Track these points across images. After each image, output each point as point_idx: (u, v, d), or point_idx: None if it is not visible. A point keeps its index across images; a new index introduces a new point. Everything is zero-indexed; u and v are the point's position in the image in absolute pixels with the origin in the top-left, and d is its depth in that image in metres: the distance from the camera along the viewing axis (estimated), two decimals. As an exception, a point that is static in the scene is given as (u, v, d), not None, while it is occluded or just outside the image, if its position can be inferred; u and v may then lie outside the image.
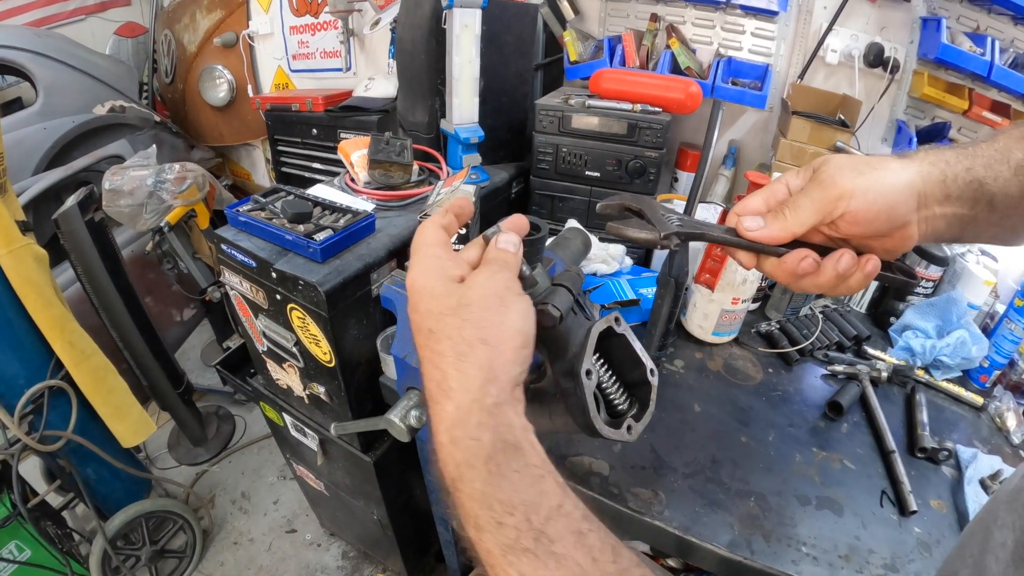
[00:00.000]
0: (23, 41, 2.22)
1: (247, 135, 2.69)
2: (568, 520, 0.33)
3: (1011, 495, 0.39)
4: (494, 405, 0.36)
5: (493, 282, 0.39)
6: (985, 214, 0.47)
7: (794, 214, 0.46)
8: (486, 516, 0.33)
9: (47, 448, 1.35)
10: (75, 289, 1.74)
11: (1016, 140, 0.47)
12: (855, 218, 0.45)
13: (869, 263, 0.46)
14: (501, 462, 0.34)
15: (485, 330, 0.37)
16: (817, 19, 1.35)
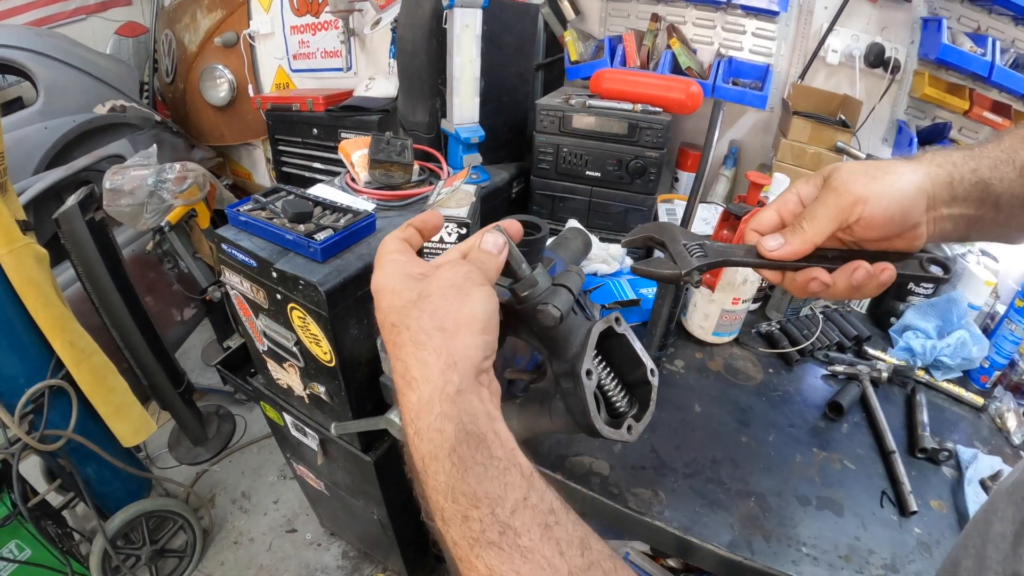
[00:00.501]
0: (24, 41, 2.23)
1: (248, 135, 2.70)
2: (534, 512, 0.33)
3: (1011, 488, 0.40)
4: (456, 393, 0.35)
5: (453, 273, 0.39)
6: (991, 214, 0.47)
7: (812, 225, 0.47)
8: (451, 509, 0.33)
9: (47, 447, 1.35)
10: (75, 288, 1.74)
11: (1021, 140, 0.48)
12: (870, 223, 0.45)
13: (884, 273, 0.46)
14: (464, 454, 0.34)
15: (443, 318, 0.37)
16: (818, 19, 1.35)
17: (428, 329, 0.37)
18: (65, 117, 2.22)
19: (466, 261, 0.41)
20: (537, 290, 0.46)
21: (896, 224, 0.46)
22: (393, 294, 0.40)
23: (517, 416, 0.52)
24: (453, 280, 0.39)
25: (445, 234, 0.96)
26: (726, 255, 0.49)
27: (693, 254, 0.48)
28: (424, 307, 0.38)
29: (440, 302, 0.38)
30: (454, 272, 0.39)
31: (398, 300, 0.39)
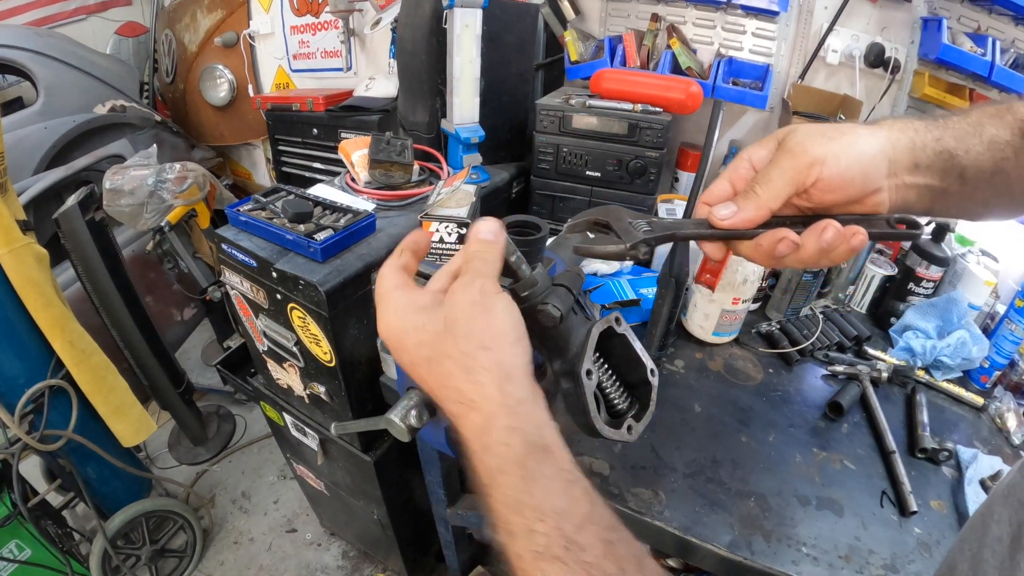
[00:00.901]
0: (24, 41, 2.23)
1: (248, 135, 2.70)
2: (597, 528, 0.34)
3: (1006, 490, 0.39)
4: (517, 403, 0.36)
5: (468, 292, 0.39)
6: (956, 187, 0.46)
7: (766, 189, 0.44)
8: (517, 522, 0.34)
9: (47, 447, 1.35)
10: (75, 288, 1.74)
11: (989, 116, 0.47)
12: (829, 184, 0.43)
13: (856, 237, 0.43)
14: (532, 467, 0.34)
15: (480, 337, 0.37)
16: (818, 19, 1.35)
17: (470, 351, 0.37)
18: (65, 117, 2.22)
19: (471, 274, 0.40)
20: (537, 290, 0.45)
21: (856, 187, 0.43)
22: (416, 331, 0.39)
23: (517, 416, 0.52)
24: (471, 298, 0.38)
25: (445, 234, 0.96)
26: (675, 228, 0.46)
27: (639, 230, 0.46)
28: (456, 333, 0.37)
29: (469, 323, 0.37)
30: (467, 292, 0.39)
31: (425, 335, 0.39)
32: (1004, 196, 0.49)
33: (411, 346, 0.39)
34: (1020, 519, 0.36)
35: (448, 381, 0.37)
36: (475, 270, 0.40)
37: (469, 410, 0.36)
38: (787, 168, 0.43)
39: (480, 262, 0.41)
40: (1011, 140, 0.47)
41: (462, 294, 0.39)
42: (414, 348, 0.39)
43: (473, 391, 0.36)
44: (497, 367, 0.36)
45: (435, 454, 1.16)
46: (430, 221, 0.95)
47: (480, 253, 0.41)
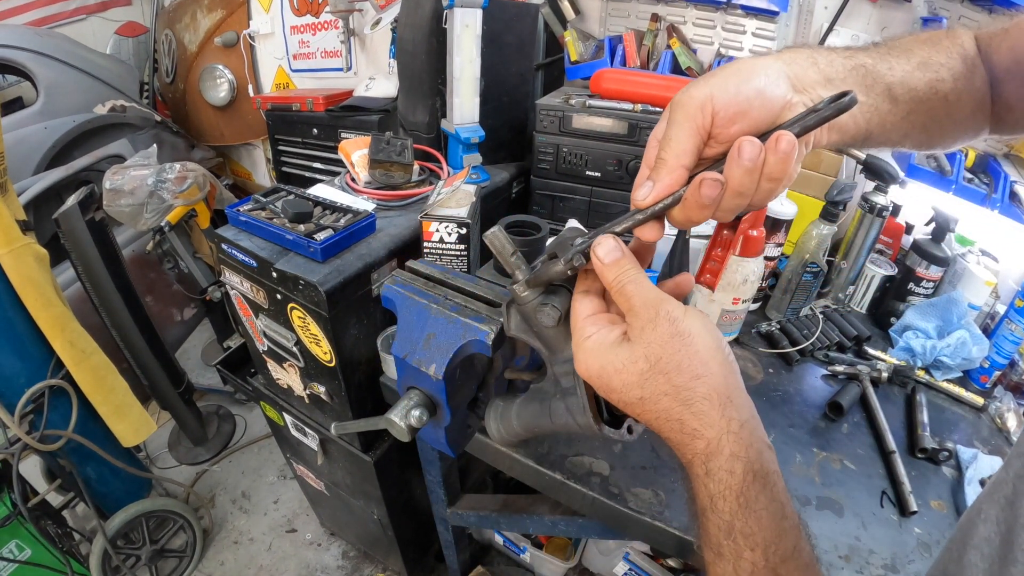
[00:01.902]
0: (24, 40, 2.23)
1: (248, 135, 2.70)
2: (796, 563, 0.35)
3: (991, 488, 0.39)
4: (740, 427, 0.36)
5: (658, 328, 0.38)
6: (887, 106, 0.44)
7: (669, 149, 0.40)
8: (728, 545, 0.35)
9: (47, 447, 1.36)
10: (75, 288, 1.74)
11: (921, 42, 0.46)
12: (727, 115, 0.39)
13: (780, 140, 0.36)
14: (750, 496, 0.35)
15: (691, 367, 0.37)
16: (818, 19, 1.35)
17: (684, 384, 0.37)
18: (65, 117, 2.22)
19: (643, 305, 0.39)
20: (537, 290, 0.46)
21: (759, 106, 0.39)
22: (619, 373, 0.39)
23: (517, 416, 0.52)
24: (665, 332, 0.38)
25: (445, 234, 0.96)
26: (605, 228, 0.43)
27: (575, 245, 0.44)
28: (664, 370, 0.37)
29: (675, 358, 0.37)
30: (658, 328, 0.38)
31: (629, 376, 0.39)
32: (947, 120, 0.47)
33: (618, 387, 0.39)
34: (1008, 518, 0.35)
35: (668, 415, 0.38)
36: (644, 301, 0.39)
37: (693, 439, 0.37)
38: (681, 120, 0.40)
39: (633, 285, 0.40)
40: (946, 62, 0.45)
41: (653, 331, 0.38)
42: (622, 389, 0.39)
43: (695, 421, 0.37)
44: (715, 393, 0.37)
45: (435, 454, 1.16)
46: (430, 221, 0.95)
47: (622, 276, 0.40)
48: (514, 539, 1.70)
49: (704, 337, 0.38)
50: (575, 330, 0.43)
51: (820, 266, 1.13)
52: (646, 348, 0.38)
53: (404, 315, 0.58)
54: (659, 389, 0.38)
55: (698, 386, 0.37)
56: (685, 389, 0.37)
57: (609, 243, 0.41)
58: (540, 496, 1.14)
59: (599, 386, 0.41)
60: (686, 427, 0.37)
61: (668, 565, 1.52)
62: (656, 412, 0.38)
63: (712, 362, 0.37)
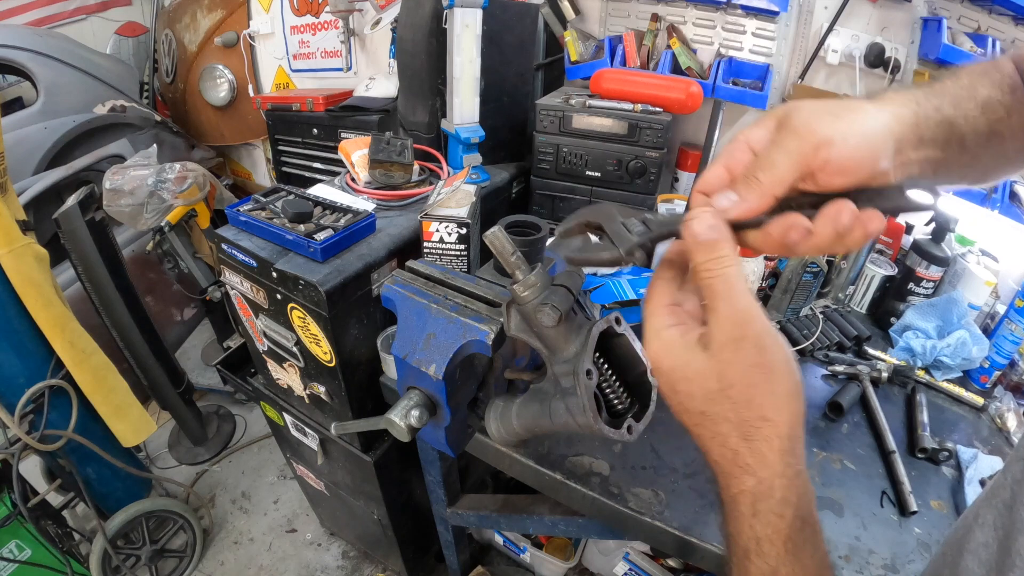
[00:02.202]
0: (24, 41, 2.23)
1: (248, 135, 2.70)
2: None
3: (989, 492, 0.38)
4: (796, 475, 0.35)
5: (743, 352, 0.36)
6: (957, 155, 0.43)
7: (769, 174, 0.38)
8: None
9: (47, 447, 1.35)
10: (76, 288, 1.74)
11: (979, 75, 0.45)
12: (840, 167, 0.38)
13: (873, 222, 0.37)
14: (798, 543, 0.35)
15: (762, 407, 0.35)
16: (818, 19, 1.35)
17: (751, 419, 0.35)
18: (65, 117, 2.22)
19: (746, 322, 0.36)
20: (537, 290, 0.46)
21: (865, 170, 0.39)
22: (687, 381, 0.37)
23: (517, 416, 0.52)
24: (749, 360, 0.36)
25: (445, 234, 0.96)
26: (672, 225, 0.41)
27: (634, 231, 0.41)
28: (734, 397, 0.36)
29: (749, 391, 0.35)
30: (742, 351, 0.36)
31: (696, 388, 0.37)
32: (1000, 159, 0.47)
33: (682, 394, 0.38)
34: (1006, 524, 0.35)
35: (724, 442, 0.36)
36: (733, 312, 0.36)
37: (744, 473, 0.36)
38: (792, 151, 0.38)
39: (723, 284, 0.36)
40: (1002, 99, 0.44)
41: (735, 352, 0.36)
42: (685, 398, 0.38)
43: (751, 457, 0.35)
44: (778, 439, 0.35)
45: (435, 454, 1.16)
46: (430, 221, 0.95)
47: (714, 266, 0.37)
48: (514, 539, 1.70)
49: (786, 379, 0.36)
50: (650, 314, 0.40)
51: (820, 266, 1.13)
52: (721, 367, 0.36)
53: (404, 315, 0.58)
54: (722, 414, 0.36)
55: (764, 427, 0.35)
56: (750, 426, 0.35)
57: (708, 219, 0.37)
58: (540, 496, 1.14)
59: (662, 382, 0.39)
60: (739, 459, 0.36)
61: (668, 565, 1.52)
62: (712, 433, 0.37)
63: (786, 409, 0.36)
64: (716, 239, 0.37)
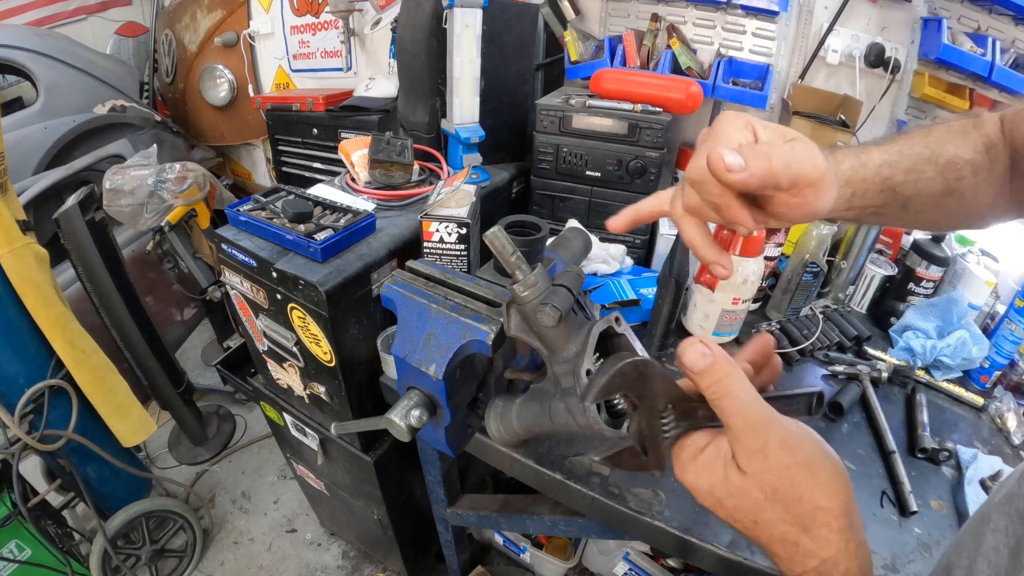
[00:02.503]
0: (24, 40, 2.23)
1: (248, 135, 2.70)
2: None
3: (1005, 499, 0.39)
4: (857, 547, 0.37)
5: (773, 458, 0.36)
6: (895, 211, 0.48)
7: (772, 157, 0.39)
8: None
9: (47, 447, 1.35)
10: (75, 288, 1.74)
11: (954, 134, 0.48)
12: (799, 205, 0.41)
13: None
14: None
15: (812, 499, 0.36)
16: (818, 19, 1.35)
17: (806, 513, 0.36)
18: (65, 117, 2.22)
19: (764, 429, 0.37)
20: (537, 290, 0.46)
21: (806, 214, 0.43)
22: (732, 496, 0.38)
23: (517, 416, 0.52)
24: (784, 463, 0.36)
25: (445, 234, 0.96)
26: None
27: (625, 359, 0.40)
28: (783, 500, 0.36)
29: (796, 491, 0.36)
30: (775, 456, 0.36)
31: (743, 502, 0.38)
32: (960, 213, 0.51)
33: (730, 508, 0.39)
34: (1018, 531, 0.36)
35: (784, 538, 0.37)
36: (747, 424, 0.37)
37: (806, 557, 0.37)
38: (788, 151, 0.40)
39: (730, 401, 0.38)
40: (971, 159, 0.49)
41: (764, 461, 0.37)
42: (734, 511, 0.39)
43: (812, 543, 0.36)
44: (836, 519, 0.36)
45: (435, 454, 1.16)
46: (430, 221, 0.95)
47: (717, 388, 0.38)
48: (514, 539, 1.70)
49: (825, 465, 0.37)
50: (678, 446, 0.41)
51: (820, 266, 1.13)
52: (758, 478, 0.37)
53: (404, 315, 0.58)
54: (776, 517, 0.37)
55: (820, 515, 0.36)
56: (807, 518, 0.36)
57: (697, 348, 0.39)
58: (540, 496, 1.14)
59: (710, 503, 0.40)
60: (801, 548, 0.37)
61: (668, 565, 1.52)
62: (770, 536, 0.38)
63: (838, 492, 0.36)
64: (710, 364, 0.38)
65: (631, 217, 0.46)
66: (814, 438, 0.38)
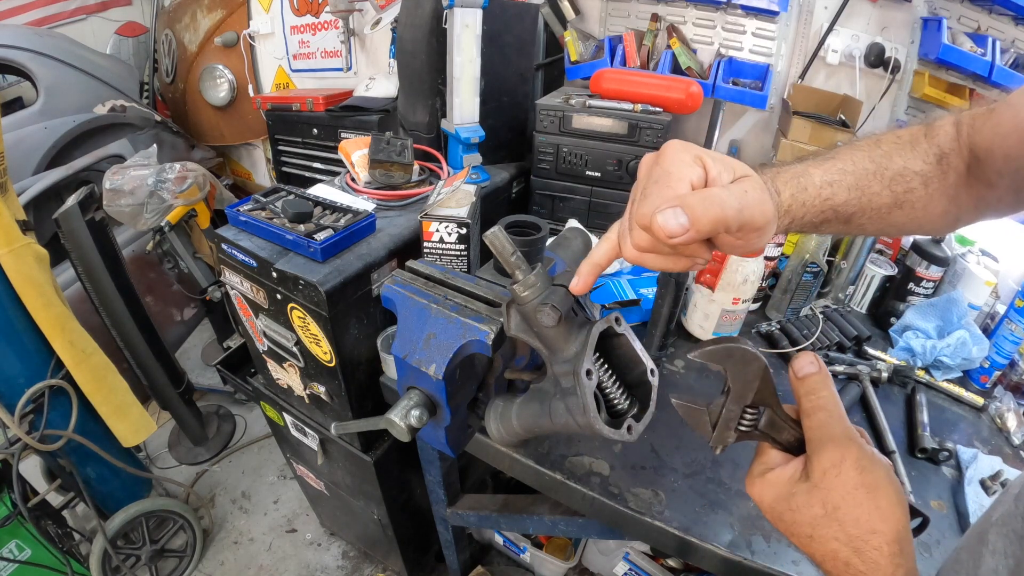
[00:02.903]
0: (24, 40, 2.23)
1: (248, 135, 2.70)
2: None
3: (1001, 519, 0.39)
4: (905, 573, 0.37)
5: (844, 476, 0.39)
6: (837, 226, 0.48)
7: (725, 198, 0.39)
8: None
9: (47, 447, 1.35)
10: (76, 288, 1.74)
11: (904, 145, 0.48)
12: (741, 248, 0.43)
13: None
14: None
15: (869, 522, 0.37)
16: (818, 19, 1.35)
17: (860, 535, 0.37)
18: (65, 117, 2.22)
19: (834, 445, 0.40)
20: (537, 290, 0.46)
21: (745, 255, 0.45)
22: (792, 512, 0.40)
23: (517, 416, 0.52)
24: (851, 482, 0.38)
25: (445, 234, 0.96)
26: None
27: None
28: (841, 519, 0.38)
29: (855, 512, 0.38)
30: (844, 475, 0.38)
31: (801, 516, 0.40)
32: (908, 224, 0.51)
33: (788, 523, 0.41)
34: (1017, 553, 0.36)
35: (835, 556, 0.39)
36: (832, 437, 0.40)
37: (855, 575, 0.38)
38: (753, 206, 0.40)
39: (824, 414, 0.41)
40: (921, 170, 0.48)
41: (836, 477, 0.39)
42: (791, 525, 0.41)
43: (863, 566, 0.38)
44: (888, 545, 0.37)
45: (435, 454, 1.16)
46: (430, 221, 0.95)
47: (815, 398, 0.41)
48: (514, 539, 1.70)
49: (888, 491, 0.38)
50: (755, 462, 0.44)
51: (820, 266, 1.13)
52: (825, 494, 0.39)
53: (404, 315, 0.58)
54: (830, 534, 0.38)
55: (873, 539, 0.37)
56: (860, 540, 0.37)
57: (807, 356, 0.42)
58: (540, 496, 1.14)
59: (770, 516, 0.43)
60: (851, 570, 0.38)
61: (668, 565, 1.52)
62: (823, 552, 0.39)
63: (892, 518, 0.38)
64: (813, 372, 0.42)
65: (593, 273, 0.45)
66: (885, 464, 0.40)
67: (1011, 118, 0.46)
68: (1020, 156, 0.45)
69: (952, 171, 0.49)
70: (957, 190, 0.50)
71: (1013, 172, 0.46)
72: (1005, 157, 0.46)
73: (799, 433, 0.43)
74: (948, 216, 0.51)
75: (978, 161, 0.49)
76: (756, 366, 0.42)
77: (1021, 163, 0.45)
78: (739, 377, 0.43)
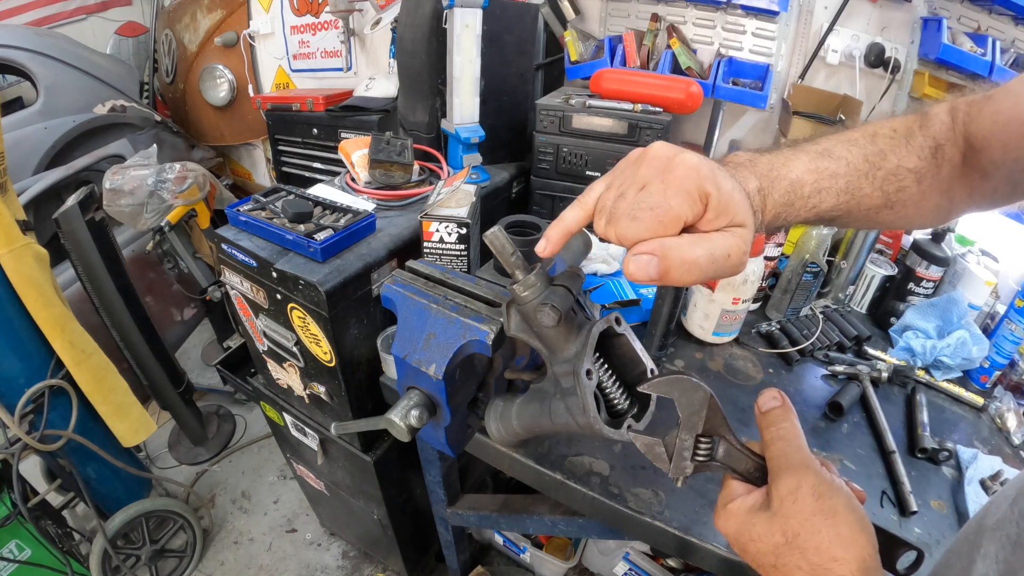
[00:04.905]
0: (24, 40, 2.23)
1: (248, 135, 2.70)
2: None
3: (996, 524, 0.38)
4: None
5: (801, 503, 0.39)
6: (819, 224, 0.49)
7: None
8: None
9: (47, 447, 1.35)
10: (75, 288, 1.74)
11: (898, 141, 0.47)
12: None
13: None
14: None
15: (830, 550, 0.37)
16: (818, 19, 1.35)
17: (822, 563, 0.37)
18: (65, 117, 2.22)
19: (791, 473, 0.40)
20: (537, 290, 0.46)
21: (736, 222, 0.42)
22: (754, 542, 0.40)
23: (517, 416, 0.52)
24: (809, 508, 0.38)
25: (445, 234, 0.96)
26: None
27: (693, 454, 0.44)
28: (802, 547, 0.38)
29: (815, 538, 0.38)
30: (801, 501, 0.39)
31: (763, 546, 0.40)
32: (896, 222, 0.50)
33: (752, 553, 0.41)
34: (1009, 559, 0.35)
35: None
36: (789, 465, 0.41)
37: None
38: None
39: (782, 444, 0.42)
40: (915, 167, 0.47)
41: (793, 504, 0.39)
42: (756, 555, 0.41)
43: None
44: (851, 573, 0.37)
45: (435, 454, 1.16)
46: (430, 221, 0.95)
47: (774, 431, 0.42)
48: (514, 539, 1.70)
49: (848, 518, 0.38)
50: (721, 496, 0.45)
51: (820, 266, 1.13)
52: (784, 521, 0.39)
53: (404, 315, 0.58)
54: (793, 563, 0.38)
55: (835, 566, 0.37)
56: (822, 568, 0.37)
57: (771, 392, 0.44)
58: (540, 496, 1.14)
59: (736, 548, 0.43)
60: None
61: (668, 565, 1.52)
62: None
63: (855, 545, 0.37)
64: (775, 407, 0.44)
65: (561, 236, 0.44)
66: (845, 493, 0.40)
67: (1011, 107, 0.45)
68: (1019, 147, 0.44)
69: (947, 163, 0.48)
70: (951, 182, 0.49)
71: (1011, 162, 0.45)
72: (1003, 147, 0.45)
73: (760, 462, 0.44)
74: (940, 210, 0.51)
75: (974, 150, 0.47)
76: (701, 395, 0.43)
77: (1019, 153, 0.44)
78: (686, 407, 0.44)
